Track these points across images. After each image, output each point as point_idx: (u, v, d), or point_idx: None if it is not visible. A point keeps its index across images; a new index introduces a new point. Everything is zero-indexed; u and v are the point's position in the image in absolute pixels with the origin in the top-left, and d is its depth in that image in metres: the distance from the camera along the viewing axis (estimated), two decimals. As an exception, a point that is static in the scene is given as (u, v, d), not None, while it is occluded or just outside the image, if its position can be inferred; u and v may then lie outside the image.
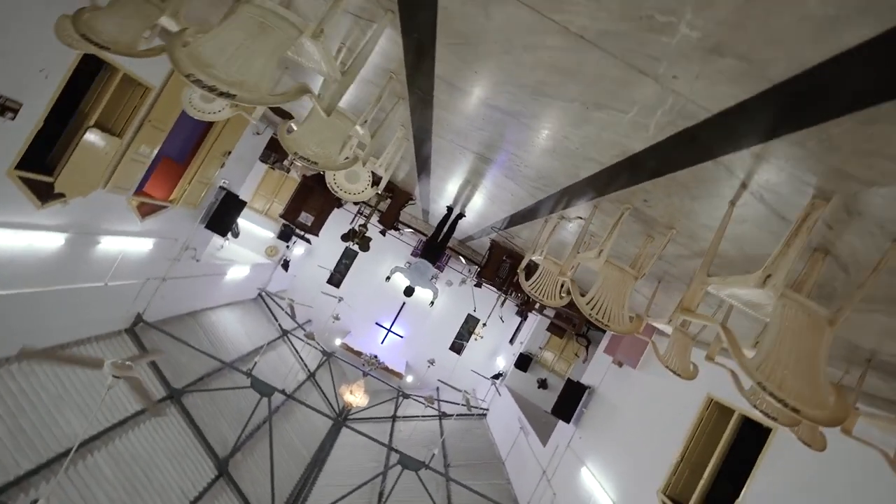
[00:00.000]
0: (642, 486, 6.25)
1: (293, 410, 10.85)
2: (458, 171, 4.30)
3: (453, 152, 3.66)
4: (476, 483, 10.19)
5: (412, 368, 16.94)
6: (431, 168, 4.73)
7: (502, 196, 4.24)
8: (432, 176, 5.27)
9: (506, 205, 4.53)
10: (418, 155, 4.50)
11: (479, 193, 4.82)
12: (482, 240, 9.06)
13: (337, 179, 3.48)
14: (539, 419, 11.79)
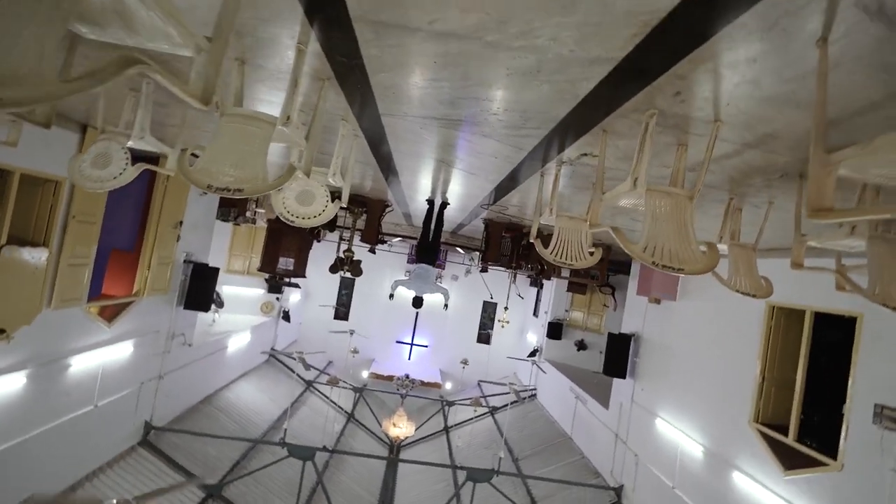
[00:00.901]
0: (728, 420, 5.70)
1: (344, 458, 10.25)
2: (426, 155, 3.67)
3: (414, 130, 3.03)
4: (550, 469, 9.65)
5: (448, 374, 16.36)
6: (395, 161, 4.09)
7: (483, 164, 3.61)
8: (401, 172, 4.63)
9: (489, 173, 3.91)
10: (376, 151, 3.86)
11: (457, 173, 4.19)
12: (474, 223, 8.44)
13: (287, 205, 2.83)
14: (591, 382, 11.25)
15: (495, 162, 3.44)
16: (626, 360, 8.24)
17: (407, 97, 2.39)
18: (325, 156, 3.48)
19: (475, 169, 3.82)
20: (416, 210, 7.95)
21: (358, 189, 6.96)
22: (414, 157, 3.79)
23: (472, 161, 3.58)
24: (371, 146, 3.68)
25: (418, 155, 3.70)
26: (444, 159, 3.70)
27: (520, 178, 3.81)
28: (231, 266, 12.41)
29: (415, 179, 4.96)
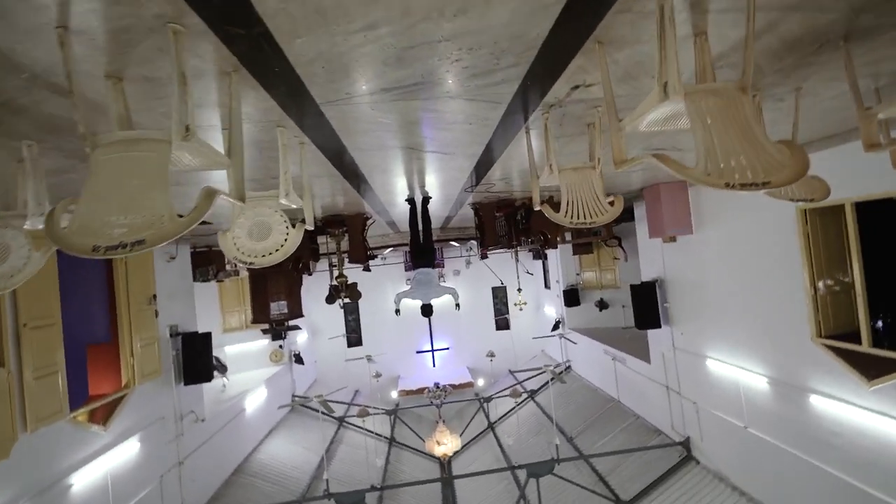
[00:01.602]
0: (788, 344, 5.24)
1: (398, 490, 9.75)
2: (389, 145, 3.13)
3: (366, 117, 2.50)
4: (608, 440, 9.19)
5: (477, 370, 15.89)
6: (358, 163, 3.55)
7: (457, 137, 3.08)
8: (369, 175, 4.09)
9: (466, 147, 3.37)
10: (334, 158, 3.31)
11: (431, 159, 3.65)
12: (462, 212, 7.90)
13: (240, 244, 2.29)
14: (623, 340, 10.80)
15: (470, 130, 2.90)
16: (656, 309, 7.77)
17: (342, 68, 1.85)
18: (275, 178, 2.93)
19: (449, 146, 3.28)
20: (398, 215, 7.40)
21: (331, 208, 6.40)
22: (377, 151, 3.25)
23: (443, 137, 3.04)
24: (325, 152, 3.13)
25: (381, 147, 3.16)
26: (411, 145, 3.16)
27: (502, 143, 3.28)
28: (227, 324, 11.81)
29: (387, 180, 4.41)
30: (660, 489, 7.25)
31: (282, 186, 2.43)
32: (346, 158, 3.26)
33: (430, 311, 5.79)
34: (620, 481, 7.85)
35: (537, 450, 10.35)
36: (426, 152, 3.34)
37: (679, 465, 7.34)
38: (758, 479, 6.05)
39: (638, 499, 7.27)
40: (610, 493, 7.60)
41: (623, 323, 12.23)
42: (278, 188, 2.53)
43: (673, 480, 7.25)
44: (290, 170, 2.48)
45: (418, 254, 5.78)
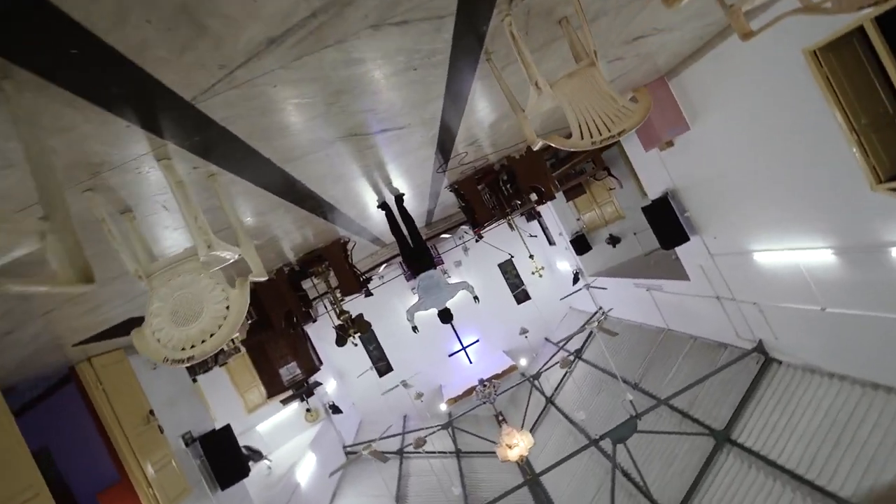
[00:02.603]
0: (843, 203, 4.60)
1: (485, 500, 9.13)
2: (322, 135, 2.41)
3: (269, 95, 1.77)
4: (674, 372, 8.60)
5: (515, 351, 15.27)
6: (296, 173, 2.82)
7: (405, 94, 2.38)
8: (309, 182, 3.36)
9: (419, 108, 2.67)
10: (251, 169, 2.59)
11: (382, 142, 2.94)
12: (442, 199, 7.20)
13: (164, 337, 1.57)
14: (651, 266, 10.20)
15: (417, 79, 2.19)
16: (677, 222, 7.12)
17: (192, 23, 1.12)
18: (223, 230, 2.20)
19: (398, 115, 2.56)
20: (378, 227, 6.68)
21: (303, 246, 5.67)
22: (313, 154, 2.53)
23: (386, 102, 2.32)
24: (244, 174, 2.41)
25: (316, 146, 2.44)
26: (352, 129, 2.44)
27: (463, 87, 2.57)
28: (250, 403, 11.06)
29: (346, 190, 3.69)
30: (752, 404, 6.67)
31: (196, 237, 1.70)
32: (281, 176, 2.54)
33: (450, 316, 5.10)
34: (707, 411, 7.26)
35: (607, 408, 9.76)
36: (374, 134, 2.62)
37: (762, 373, 6.74)
38: (853, 357, 5.46)
39: (734, 422, 6.68)
40: (702, 427, 7.01)
41: (641, 251, 11.63)
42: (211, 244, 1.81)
43: (762, 390, 6.67)
44: (199, 215, 1.74)
45: (413, 259, 5.08)
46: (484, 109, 3.24)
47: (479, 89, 2.71)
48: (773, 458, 5.96)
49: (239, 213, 2.55)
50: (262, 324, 5.92)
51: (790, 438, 5.94)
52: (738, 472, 6.30)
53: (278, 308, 5.68)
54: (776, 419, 6.24)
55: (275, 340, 6.35)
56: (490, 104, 3.16)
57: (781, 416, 6.18)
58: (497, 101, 3.12)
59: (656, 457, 7.51)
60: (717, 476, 6.49)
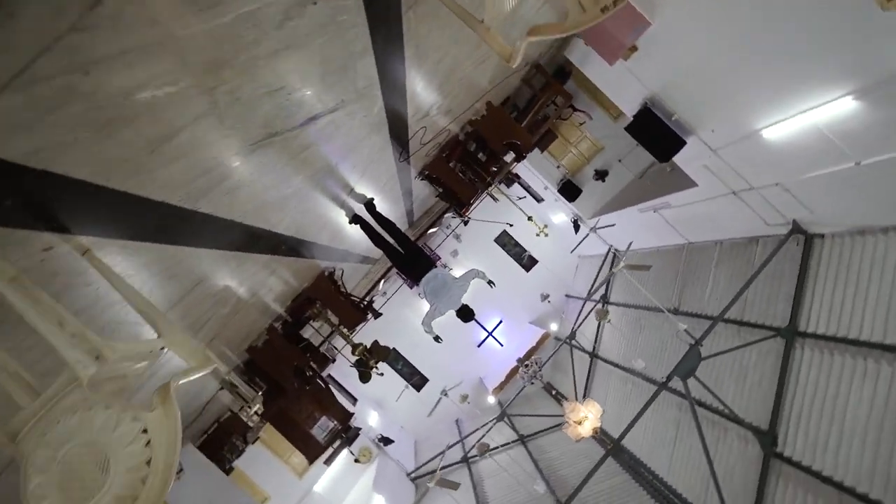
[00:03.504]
0: (852, 36, 4.01)
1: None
2: (232, 149, 1.76)
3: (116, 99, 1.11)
4: (713, 281, 8.08)
5: (542, 319, 14.75)
6: (212, 209, 2.17)
7: (339, 80, 1.72)
8: (260, 218, 2.71)
9: (350, 77, 2.01)
10: (196, 231, 1.93)
11: (321, 131, 2.29)
12: (416, 193, 6.55)
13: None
14: (648, 186, 9.63)
15: (321, 24, 1.53)
16: (667, 130, 6.52)
17: None
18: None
19: (321, 89, 1.91)
20: (359, 244, 6.03)
21: (288, 292, 5.02)
22: (216, 168, 1.87)
23: (294, 68, 1.67)
24: (142, 236, 1.75)
25: (222, 159, 1.78)
26: (267, 128, 1.78)
27: (390, 20, 1.91)
28: (299, 468, 10.43)
29: (304, 211, 3.04)
30: (808, 288, 6.16)
31: (67, 353, 1.05)
32: (196, 221, 1.88)
33: (471, 313, 4.49)
34: (763, 311, 6.75)
35: (655, 345, 9.25)
36: (300, 127, 1.97)
37: (808, 252, 6.22)
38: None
39: (797, 313, 6.17)
40: (765, 330, 6.49)
41: (632, 175, 11.06)
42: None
43: (813, 270, 6.15)
44: (67, 318, 1.08)
45: (408, 266, 4.46)
46: (429, 56, 2.59)
47: (413, 22, 2.06)
48: (852, 336, 5.46)
49: (158, 288, 1.89)
50: (273, 392, 5.28)
51: (864, 309, 5.44)
52: (819, 363, 5.80)
53: (284, 369, 5.03)
54: (840, 295, 5.73)
55: (295, 403, 5.72)
56: (434, 44, 2.50)
57: (846, 290, 5.66)
58: (442, 37, 2.47)
59: (726, 377, 7.01)
60: (800, 375, 5.98)
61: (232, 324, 3.64)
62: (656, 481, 7.71)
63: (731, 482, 6.41)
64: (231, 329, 3.74)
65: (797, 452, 5.71)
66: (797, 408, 5.86)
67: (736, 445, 6.57)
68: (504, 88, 5.75)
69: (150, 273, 1.78)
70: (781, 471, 5.85)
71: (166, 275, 1.95)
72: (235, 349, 4.72)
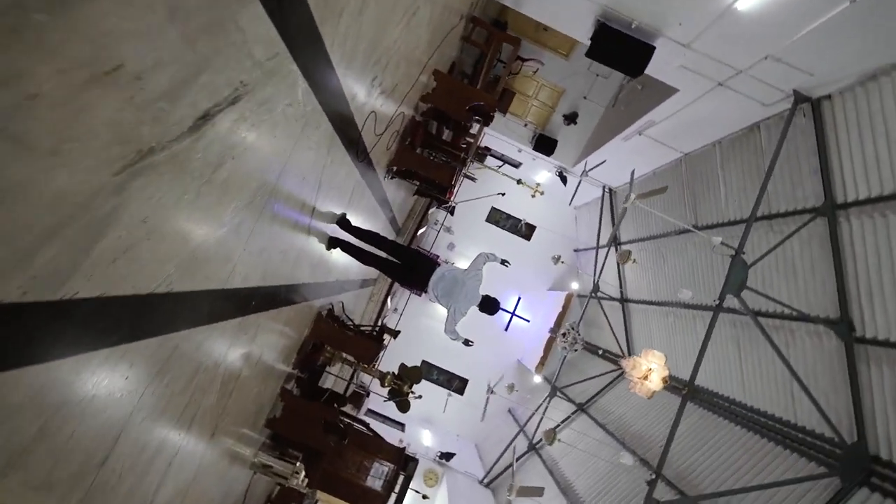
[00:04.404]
0: None
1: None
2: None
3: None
4: (730, 188, 7.54)
5: (560, 282, 14.23)
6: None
7: (219, 48, 1.09)
8: (224, 262, 2.12)
9: (263, 54, 1.39)
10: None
11: (256, 143, 1.69)
12: (392, 196, 5.94)
13: None
14: (624, 111, 9.06)
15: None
16: (630, 41, 5.93)
17: None
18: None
19: (192, 61, 1.30)
20: (350, 269, 5.43)
21: (288, 347, 4.40)
22: (91, 204, 1.26)
23: (143, 28, 1.06)
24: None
25: (96, 193, 1.17)
26: (142, 142, 1.17)
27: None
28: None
29: (260, 247, 2.43)
30: (833, 154, 5.61)
31: None
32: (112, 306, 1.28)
33: (495, 303, 3.92)
34: (790, 197, 6.22)
35: (686, 268, 8.71)
36: (199, 131, 1.35)
37: (819, 118, 5.67)
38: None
39: (829, 186, 5.63)
40: (802, 214, 5.95)
41: (602, 107, 10.51)
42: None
43: (831, 133, 5.60)
44: None
45: (409, 275, 3.88)
46: (347, 4, 1.97)
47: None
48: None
49: (89, 417, 1.28)
50: (312, 457, 4.68)
51: (903, 156, 4.90)
52: (872, 229, 5.26)
53: (313, 431, 4.43)
54: (871, 151, 5.18)
55: (339, 460, 5.12)
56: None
57: (874, 144, 5.11)
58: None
59: (774, 278, 6.48)
60: (855, 249, 5.44)
61: (231, 407, 3.02)
62: (735, 406, 7.19)
63: (817, 383, 5.89)
64: (233, 412, 3.12)
65: (880, 330, 5.19)
66: (864, 284, 5.32)
67: (809, 345, 6.05)
68: (447, 54, 5.15)
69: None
70: (869, 355, 5.32)
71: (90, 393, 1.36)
72: (252, 427, 4.10)
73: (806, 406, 6.12)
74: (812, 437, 5.98)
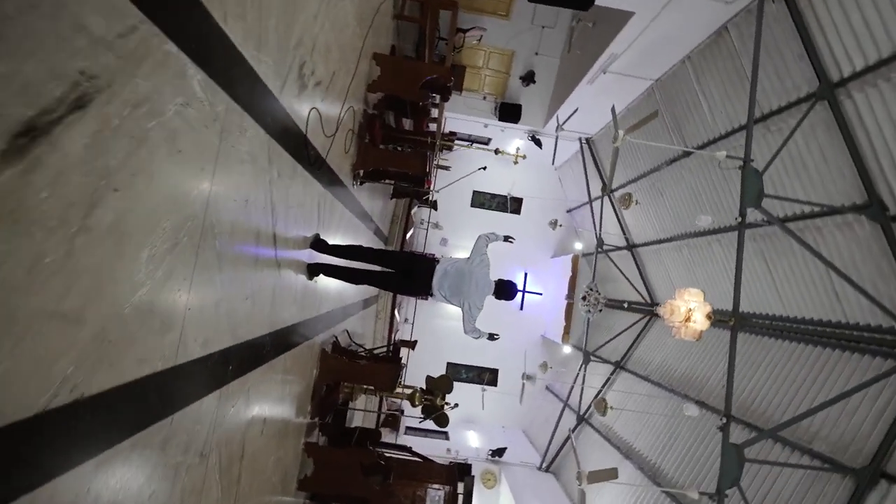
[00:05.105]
0: None
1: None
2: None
3: None
4: (713, 98, 7.12)
5: (562, 246, 13.82)
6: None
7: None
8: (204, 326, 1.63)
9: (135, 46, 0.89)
10: None
11: (207, 174, 1.19)
12: (371, 210, 5.45)
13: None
14: (580, 53, 8.61)
15: None
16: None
17: None
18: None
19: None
20: (345, 294, 4.94)
21: (302, 393, 3.92)
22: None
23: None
24: None
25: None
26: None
27: None
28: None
29: (216, 298, 1.94)
30: (817, 34, 5.20)
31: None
32: None
33: (511, 286, 3.47)
34: (781, 90, 5.80)
35: (690, 193, 8.28)
36: (68, 124, 0.86)
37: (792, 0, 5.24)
38: None
39: (822, 67, 5.21)
40: (798, 105, 5.55)
41: (558, 55, 10.04)
42: None
43: (809, 14, 5.18)
44: None
45: (409, 282, 3.42)
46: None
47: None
48: (891, 51, 4.52)
49: None
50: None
51: (885, 18, 4.49)
52: (878, 97, 4.85)
53: (353, 480, 3.95)
54: (857, 16, 4.77)
55: (388, 499, 4.64)
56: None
57: (861, 5, 4.69)
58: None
59: (785, 179, 6.07)
60: (865, 123, 5.03)
61: (246, 489, 2.55)
62: (778, 322, 6.82)
63: (860, 274, 5.49)
64: (251, 492, 2.65)
65: (916, 201, 4.80)
66: (886, 158, 4.91)
67: (841, 238, 5.65)
68: (385, 42, 4.66)
69: None
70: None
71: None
72: (284, 494, 3.62)
73: (854, 302, 5.75)
74: (869, 332, 5.60)
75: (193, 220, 1.56)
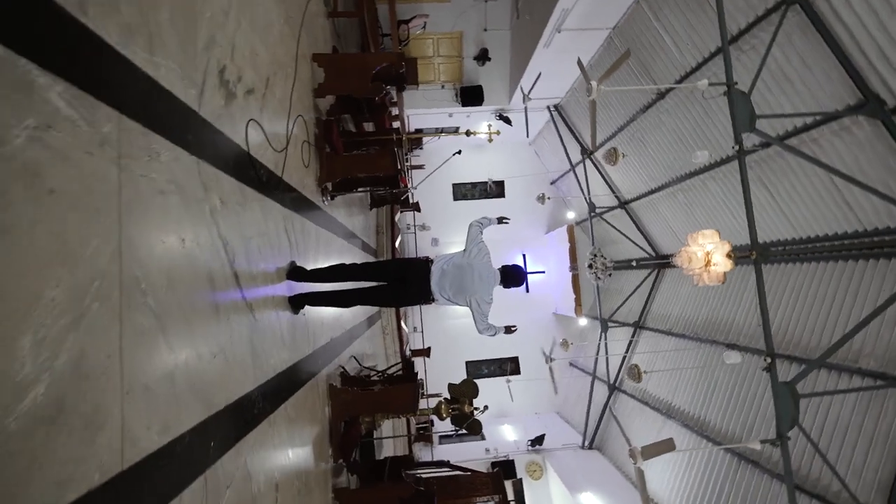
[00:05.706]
0: None
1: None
2: None
3: None
4: (698, 20, 6.81)
5: (555, 220, 13.54)
6: None
7: None
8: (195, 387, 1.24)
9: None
10: None
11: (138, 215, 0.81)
12: (353, 227, 5.08)
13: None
14: (529, 18, 8.27)
15: None
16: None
17: None
18: None
19: None
20: (341, 320, 4.56)
21: (314, 439, 3.54)
22: None
23: None
24: None
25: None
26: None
27: None
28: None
29: (207, 351, 1.56)
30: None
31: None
32: None
33: (519, 272, 3.13)
34: (743, 2, 5.47)
35: (675, 135, 7.97)
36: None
37: None
38: None
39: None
40: (770, 11, 5.23)
41: (507, 26, 9.70)
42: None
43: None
44: None
45: (402, 292, 3.07)
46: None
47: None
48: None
49: None
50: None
51: None
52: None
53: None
54: None
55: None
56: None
57: None
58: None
59: (769, 98, 5.78)
60: (842, 18, 4.73)
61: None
62: (792, 246, 6.54)
63: (868, 176, 5.21)
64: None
65: (915, 89, 4.51)
66: (873, 50, 4.62)
67: (840, 144, 5.37)
68: (321, 40, 4.27)
69: None
70: (915, 120, 4.64)
71: None
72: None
73: (868, 207, 5.48)
74: (890, 234, 5.34)
75: (103, 279, 1.19)
